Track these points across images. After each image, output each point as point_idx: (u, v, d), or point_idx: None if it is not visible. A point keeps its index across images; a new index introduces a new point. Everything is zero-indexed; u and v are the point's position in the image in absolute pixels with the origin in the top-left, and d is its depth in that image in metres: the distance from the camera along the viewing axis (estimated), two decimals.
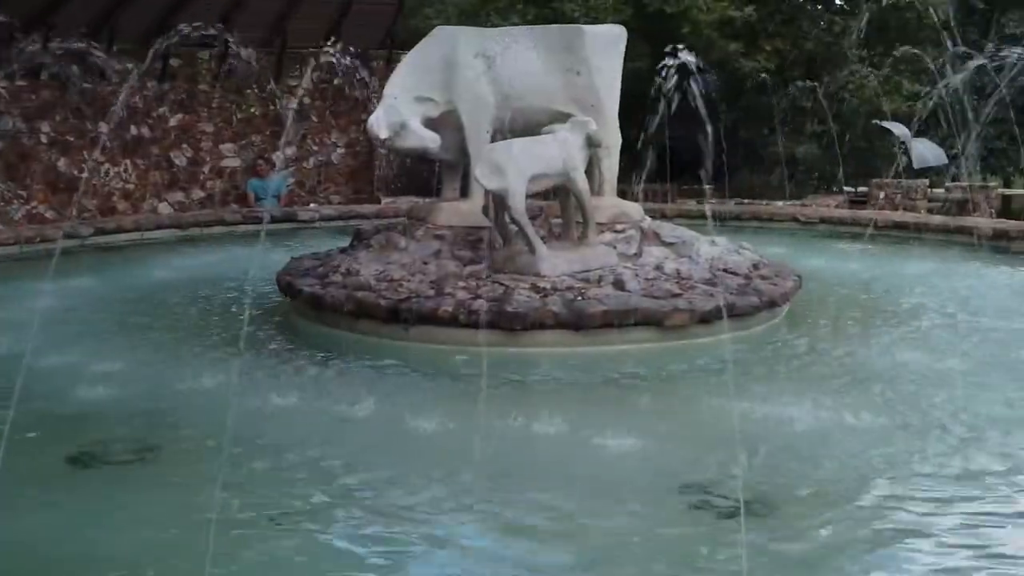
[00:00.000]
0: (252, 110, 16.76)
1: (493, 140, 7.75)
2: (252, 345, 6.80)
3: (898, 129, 16.98)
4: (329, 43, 11.17)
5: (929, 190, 16.19)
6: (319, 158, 17.52)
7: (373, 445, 4.79)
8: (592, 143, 7.27)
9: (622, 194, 8.92)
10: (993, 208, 17.05)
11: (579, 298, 6.66)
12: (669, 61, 7.58)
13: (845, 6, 20.79)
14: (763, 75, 17.90)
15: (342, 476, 4.39)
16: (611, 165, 8.22)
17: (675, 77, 7.70)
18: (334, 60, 12.20)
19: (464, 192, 8.34)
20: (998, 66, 10.25)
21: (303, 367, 6.24)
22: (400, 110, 7.55)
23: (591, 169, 7.69)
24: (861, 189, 17.74)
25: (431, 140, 7.70)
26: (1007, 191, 20.55)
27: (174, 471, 4.53)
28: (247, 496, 4.11)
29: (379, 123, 7.49)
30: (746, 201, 15.57)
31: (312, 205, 15.87)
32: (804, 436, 4.85)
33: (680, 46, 7.44)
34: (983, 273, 9.72)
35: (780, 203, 15.41)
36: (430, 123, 7.75)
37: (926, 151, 16.92)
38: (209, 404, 5.25)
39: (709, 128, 6.56)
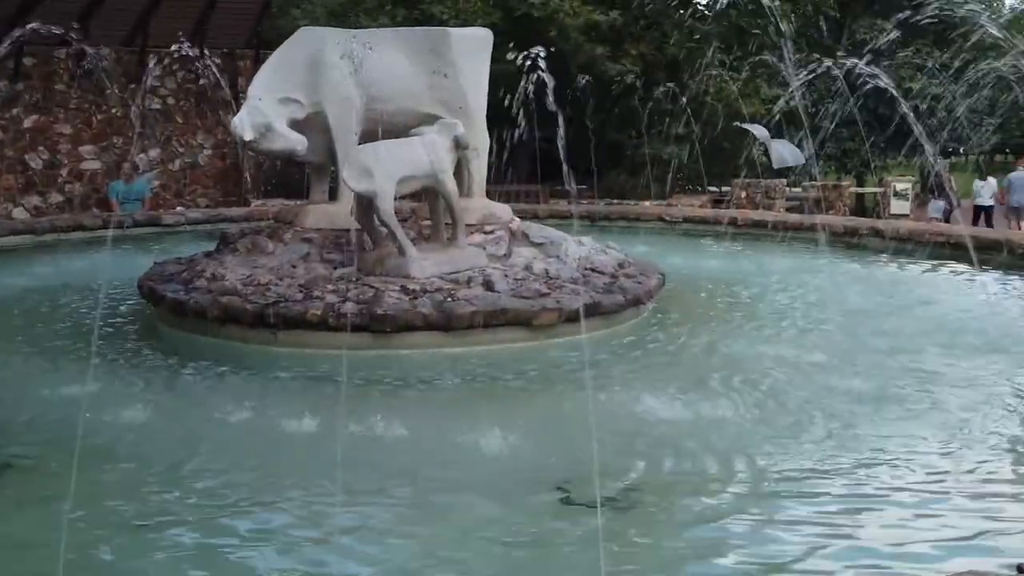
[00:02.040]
0: (113, 111, 16.23)
1: (360, 143, 7.73)
2: (112, 354, 6.60)
3: (758, 131, 17.69)
4: (188, 43, 10.89)
5: (787, 189, 16.91)
6: (185, 160, 17.10)
7: (238, 451, 4.72)
8: (460, 145, 7.34)
9: (491, 195, 9.00)
10: (847, 205, 17.95)
11: (449, 299, 6.70)
12: (526, 64, 7.66)
13: (707, 12, 21.49)
14: (633, 78, 18.33)
15: (206, 483, 4.32)
16: (479, 167, 8.29)
17: (534, 80, 7.80)
18: (196, 59, 11.95)
19: (332, 195, 8.29)
20: (848, 71, 10.78)
21: (166, 375, 6.09)
22: (265, 111, 7.43)
23: (460, 171, 7.76)
24: (725, 189, 18.38)
25: (297, 142, 7.62)
26: (859, 189, 21.66)
27: (31, 485, 4.37)
28: (109, 507, 4.01)
29: (243, 124, 7.35)
30: (615, 201, 15.95)
31: (178, 208, 15.46)
32: (668, 429, 4.99)
33: (541, 51, 7.51)
34: (834, 268, 10.19)
35: (647, 203, 15.84)
36: (296, 125, 7.66)
37: (784, 151, 17.69)
38: (66, 415, 5.06)
39: (562, 130, 6.67)
